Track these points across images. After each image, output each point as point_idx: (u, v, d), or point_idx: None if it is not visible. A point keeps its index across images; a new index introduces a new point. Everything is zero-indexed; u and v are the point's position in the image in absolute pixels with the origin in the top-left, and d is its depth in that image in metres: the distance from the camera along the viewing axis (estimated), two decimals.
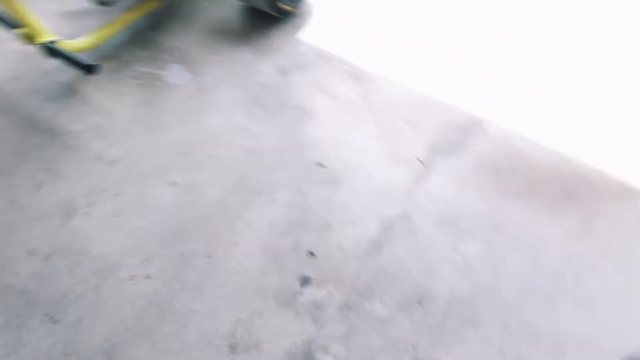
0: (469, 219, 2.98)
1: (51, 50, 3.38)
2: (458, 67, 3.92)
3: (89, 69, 3.31)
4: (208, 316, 2.56)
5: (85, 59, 3.32)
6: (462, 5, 4.54)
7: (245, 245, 2.82)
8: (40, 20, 3.37)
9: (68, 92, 3.58)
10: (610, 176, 3.23)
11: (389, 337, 2.53)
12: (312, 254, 2.79)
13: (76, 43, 3.51)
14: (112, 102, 3.51)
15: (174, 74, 3.73)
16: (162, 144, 3.27)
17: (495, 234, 2.92)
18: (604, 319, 2.64)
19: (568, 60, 4.02)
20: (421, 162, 3.25)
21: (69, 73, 3.69)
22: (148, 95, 3.57)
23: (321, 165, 3.20)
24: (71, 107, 3.48)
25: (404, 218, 2.97)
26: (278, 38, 4.11)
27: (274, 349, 2.47)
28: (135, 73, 3.72)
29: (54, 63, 3.67)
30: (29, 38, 3.38)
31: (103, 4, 3.94)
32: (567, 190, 3.15)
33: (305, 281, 2.69)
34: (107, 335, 2.48)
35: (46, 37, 3.37)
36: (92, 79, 3.66)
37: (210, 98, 3.58)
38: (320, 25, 4.25)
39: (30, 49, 3.70)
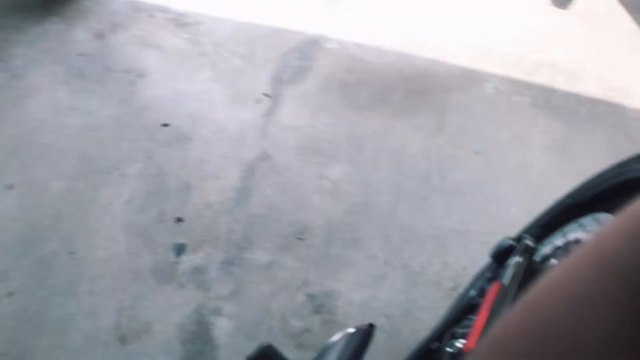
0: (327, 142, 2.97)
1: None
2: None
3: None
4: (87, 315, 2.40)
5: None
6: None
7: (107, 230, 2.64)
8: None
9: None
10: (454, 65, 3.31)
11: (278, 281, 2.51)
12: (179, 219, 2.67)
13: None
14: None
15: None
16: None
17: (356, 151, 2.94)
18: (473, 205, 2.76)
19: None
20: (267, 95, 3.16)
21: None
22: None
23: (166, 125, 3.02)
24: None
25: (264, 157, 2.90)
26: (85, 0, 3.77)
27: (166, 327, 2.38)
28: None
29: None
30: None
31: None
32: (416, 90, 3.21)
33: (179, 249, 2.58)
34: None
35: None
36: None
37: (26, 83, 3.22)
38: None
39: None
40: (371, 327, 1.72)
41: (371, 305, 2.47)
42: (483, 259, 2.58)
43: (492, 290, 1.44)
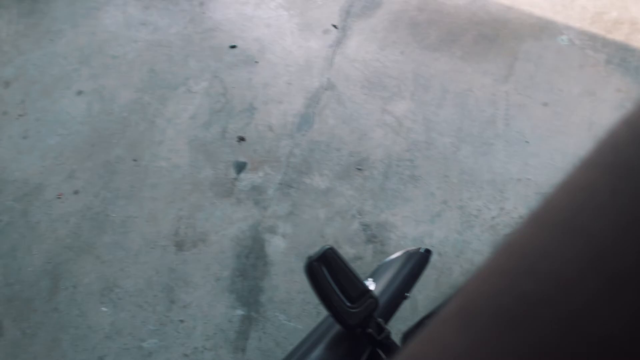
0: (393, 78, 2.94)
1: None
2: None
3: None
4: (148, 219, 2.47)
5: None
6: None
7: (171, 142, 2.70)
8: None
9: None
10: (529, 14, 3.22)
11: (334, 207, 2.53)
12: (241, 138, 2.70)
13: None
14: None
15: None
16: (59, 53, 3.01)
17: (422, 89, 2.90)
18: (537, 155, 2.71)
19: None
20: (336, 27, 3.13)
21: None
22: (29, 4, 3.24)
23: (233, 47, 3.04)
24: None
25: (329, 87, 2.89)
26: None
27: (221, 239, 2.43)
28: None
29: None
30: None
31: None
32: (487, 35, 3.13)
33: (240, 167, 2.62)
34: (47, 258, 2.37)
35: None
36: None
37: None
38: None
39: None
40: (428, 252, 1.72)
41: (424, 241, 2.46)
42: None
43: None
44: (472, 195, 2.58)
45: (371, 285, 1.09)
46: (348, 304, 1.03)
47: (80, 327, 2.23)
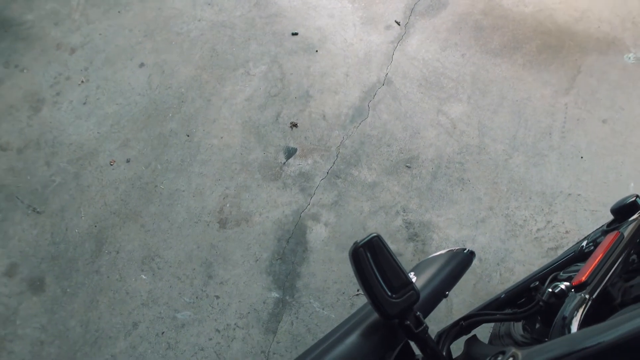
0: (452, 79, 2.91)
1: None
2: None
3: None
4: (194, 194, 2.51)
5: None
6: None
7: (225, 121, 2.73)
8: None
9: None
10: (597, 29, 3.14)
11: (379, 202, 2.52)
12: (294, 124, 2.71)
13: None
14: None
15: None
16: (125, 25, 3.08)
17: (479, 93, 2.86)
18: (590, 171, 2.64)
19: None
20: (399, 23, 3.12)
21: None
22: None
23: (295, 34, 3.05)
24: None
25: (386, 82, 2.88)
26: None
27: (264, 221, 2.45)
28: None
29: None
30: None
31: None
32: (551, 45, 3.07)
33: (290, 152, 2.63)
34: (94, 221, 2.43)
35: None
36: None
37: None
38: None
39: None
40: (472, 254, 1.70)
41: (466, 246, 2.43)
42: (590, 228, 2.50)
43: (610, 238, 1.38)
44: (520, 204, 2.54)
45: (412, 278, 1.08)
46: (389, 293, 1.03)
47: (118, 292, 2.28)
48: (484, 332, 1.57)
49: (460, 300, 2.27)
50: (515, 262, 2.40)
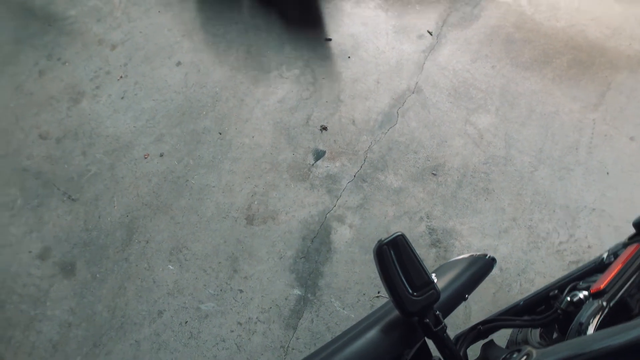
0: (481, 91, 2.94)
1: None
2: None
3: None
4: (224, 190, 2.58)
5: None
6: None
7: (257, 121, 2.80)
8: None
9: None
10: (628, 46, 3.15)
11: (404, 207, 2.56)
12: (324, 128, 2.78)
13: None
14: None
15: None
16: (165, 24, 3.18)
17: (508, 105, 2.89)
18: (616, 188, 2.66)
19: None
20: (431, 33, 3.17)
21: None
22: None
23: (328, 40, 3.12)
24: None
25: (416, 91, 2.93)
26: None
27: (290, 220, 2.50)
28: None
29: None
30: None
31: None
32: (581, 61, 3.09)
33: (318, 155, 2.69)
34: (126, 211, 2.52)
35: None
36: None
37: None
38: None
39: None
40: (493, 260, 1.72)
41: (488, 254, 2.46)
42: (612, 243, 2.50)
43: (631, 249, 1.40)
44: (543, 217, 2.56)
45: (434, 279, 1.12)
46: (410, 290, 1.06)
47: (146, 280, 2.35)
48: (501, 338, 1.60)
49: (480, 308, 2.30)
50: (535, 273, 2.42)
